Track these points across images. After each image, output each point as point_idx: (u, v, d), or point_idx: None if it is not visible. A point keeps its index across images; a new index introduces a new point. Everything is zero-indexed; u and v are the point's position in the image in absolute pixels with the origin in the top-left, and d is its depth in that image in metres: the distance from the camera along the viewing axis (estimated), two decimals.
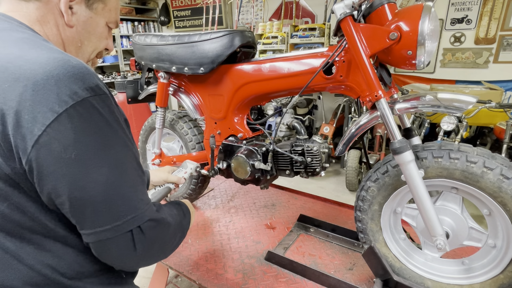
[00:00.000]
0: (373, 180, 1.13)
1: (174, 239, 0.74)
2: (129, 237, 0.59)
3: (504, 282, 1.01)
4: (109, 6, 0.71)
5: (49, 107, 0.50)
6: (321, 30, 3.95)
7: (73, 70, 0.53)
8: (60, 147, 0.51)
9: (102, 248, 0.59)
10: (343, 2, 1.03)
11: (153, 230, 0.63)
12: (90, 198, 0.55)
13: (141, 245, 0.60)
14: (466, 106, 0.96)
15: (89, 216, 0.56)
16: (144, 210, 0.61)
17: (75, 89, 0.52)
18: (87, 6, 0.67)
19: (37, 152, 0.50)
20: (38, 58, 0.53)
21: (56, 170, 0.52)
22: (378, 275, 1.18)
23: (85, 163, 0.53)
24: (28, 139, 0.50)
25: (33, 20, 0.63)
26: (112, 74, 5.90)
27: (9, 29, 0.58)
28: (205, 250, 1.49)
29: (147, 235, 0.61)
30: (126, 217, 0.58)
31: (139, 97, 1.82)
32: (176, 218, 0.77)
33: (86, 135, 0.53)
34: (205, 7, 4.99)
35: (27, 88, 0.50)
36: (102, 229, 0.56)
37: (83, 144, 0.53)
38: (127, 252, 0.59)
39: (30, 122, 0.50)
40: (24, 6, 0.62)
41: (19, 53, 0.53)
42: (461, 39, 3.58)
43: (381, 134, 3.16)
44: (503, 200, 0.94)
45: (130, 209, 0.59)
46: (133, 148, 0.63)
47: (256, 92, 1.38)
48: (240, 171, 1.38)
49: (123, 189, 0.58)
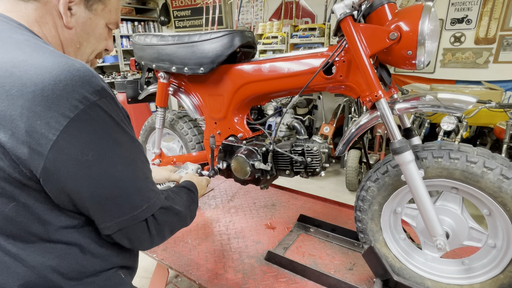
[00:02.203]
0: (373, 180, 1.13)
1: (183, 220, 0.81)
2: (144, 224, 0.66)
3: (504, 282, 1.01)
4: (109, 7, 0.70)
5: (60, 112, 0.51)
6: (321, 30, 3.95)
7: (79, 74, 0.54)
8: (77, 150, 0.54)
9: (123, 235, 0.65)
10: (343, 2, 1.03)
11: (164, 216, 0.71)
12: (109, 194, 0.59)
13: (154, 230, 0.68)
14: (466, 106, 0.96)
15: (109, 210, 0.61)
16: (155, 199, 0.68)
17: (83, 93, 0.54)
18: (86, 7, 0.66)
19: (54, 156, 0.52)
20: (43, 62, 0.53)
21: (76, 172, 0.55)
22: (378, 275, 1.18)
23: (101, 163, 0.57)
24: (43, 144, 0.51)
25: (31, 21, 0.62)
26: (112, 74, 5.90)
27: (8, 30, 0.58)
28: (205, 250, 1.49)
29: (159, 221, 0.69)
30: (142, 207, 0.64)
31: (139, 97, 1.82)
32: (184, 203, 0.83)
33: (99, 137, 0.56)
34: (205, 7, 4.99)
35: (36, 94, 0.51)
36: (122, 219, 0.62)
37: (97, 145, 0.56)
38: (144, 236, 0.67)
39: (43, 128, 0.51)
40: (22, 7, 0.61)
41: (23, 57, 0.53)
42: (461, 39, 3.58)
43: (381, 134, 3.16)
44: (503, 200, 0.94)
45: (144, 199, 0.65)
46: (139, 143, 0.68)
47: (256, 92, 1.38)
48: (240, 171, 1.38)
49: (137, 182, 0.64)
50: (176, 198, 0.82)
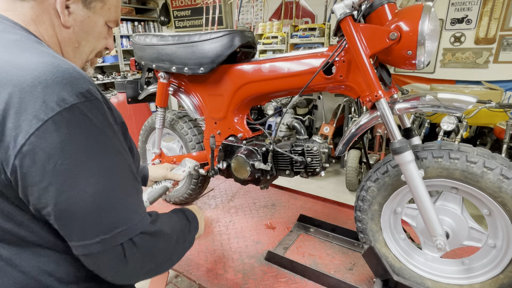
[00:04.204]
0: (373, 180, 1.13)
1: (175, 249, 0.69)
2: (119, 251, 0.55)
3: (504, 282, 1.01)
4: (108, 5, 0.68)
5: (34, 114, 0.48)
6: (321, 30, 3.95)
7: (62, 75, 0.51)
8: (44, 156, 0.48)
9: (91, 261, 0.55)
10: (343, 2, 1.03)
11: (147, 243, 0.59)
12: (77, 209, 0.52)
13: (133, 258, 0.57)
14: (466, 106, 0.96)
15: (76, 228, 0.53)
16: (136, 222, 0.58)
17: (63, 95, 0.49)
18: (84, 5, 0.64)
19: (21, 162, 0.48)
20: (27, 63, 0.51)
21: (41, 180, 0.49)
22: (378, 275, 1.18)
23: (71, 173, 0.50)
24: (11, 148, 0.48)
25: (27, 20, 0.60)
26: (112, 74, 5.90)
27: (1, 31, 0.56)
28: (205, 250, 1.49)
29: (140, 248, 0.57)
30: (116, 230, 0.54)
31: (139, 97, 1.82)
32: (176, 226, 0.72)
33: (73, 143, 0.50)
34: (205, 7, 4.99)
35: (13, 95, 0.48)
36: (90, 242, 0.53)
37: (70, 152, 0.50)
38: (118, 267, 0.56)
39: (14, 131, 0.48)
40: (19, 6, 0.60)
41: (8, 58, 0.51)
42: (461, 39, 3.58)
43: (381, 134, 3.16)
44: (503, 200, 0.94)
45: (121, 221, 0.55)
46: (127, 156, 0.60)
47: (256, 92, 1.38)
48: (240, 171, 1.38)
49: (114, 200, 0.55)
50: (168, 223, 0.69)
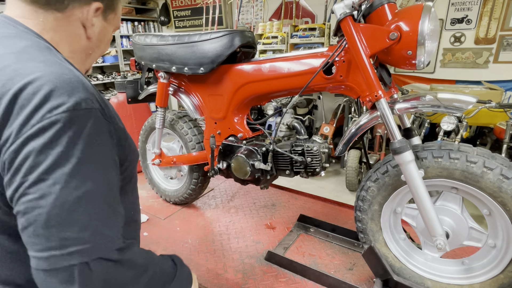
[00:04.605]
0: (373, 180, 1.13)
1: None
2: (68, 274, 0.48)
3: (504, 282, 1.01)
4: (118, 14, 0.73)
5: (24, 121, 0.49)
6: (321, 30, 3.95)
7: (61, 85, 0.51)
8: (22, 156, 0.49)
9: (38, 278, 0.50)
10: (343, 2, 1.03)
11: (107, 271, 0.52)
12: (35, 216, 0.48)
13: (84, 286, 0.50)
14: (466, 106, 0.96)
15: (30, 237, 0.49)
16: (98, 245, 0.51)
17: (56, 104, 0.50)
18: (103, 17, 0.68)
19: (3, 165, 0.50)
20: (32, 71, 0.52)
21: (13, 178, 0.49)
22: (378, 275, 1.18)
23: (39, 176, 0.49)
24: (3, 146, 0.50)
25: (47, 29, 0.61)
26: (112, 74, 5.89)
27: (14, 36, 0.57)
28: (205, 250, 1.49)
29: (96, 275, 0.50)
30: (68, 248, 0.48)
31: (139, 97, 1.82)
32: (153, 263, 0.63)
33: (51, 149, 0.49)
34: (205, 7, 4.99)
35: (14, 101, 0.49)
36: (39, 256, 0.49)
37: (43, 156, 0.49)
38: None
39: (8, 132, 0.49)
40: (41, 15, 0.60)
41: (16, 67, 0.52)
42: (461, 39, 3.58)
43: (381, 134, 3.16)
44: (503, 200, 0.94)
45: (78, 239, 0.49)
46: (112, 174, 0.57)
47: (256, 92, 1.38)
48: (240, 171, 1.38)
49: (76, 215, 0.50)
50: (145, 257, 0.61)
